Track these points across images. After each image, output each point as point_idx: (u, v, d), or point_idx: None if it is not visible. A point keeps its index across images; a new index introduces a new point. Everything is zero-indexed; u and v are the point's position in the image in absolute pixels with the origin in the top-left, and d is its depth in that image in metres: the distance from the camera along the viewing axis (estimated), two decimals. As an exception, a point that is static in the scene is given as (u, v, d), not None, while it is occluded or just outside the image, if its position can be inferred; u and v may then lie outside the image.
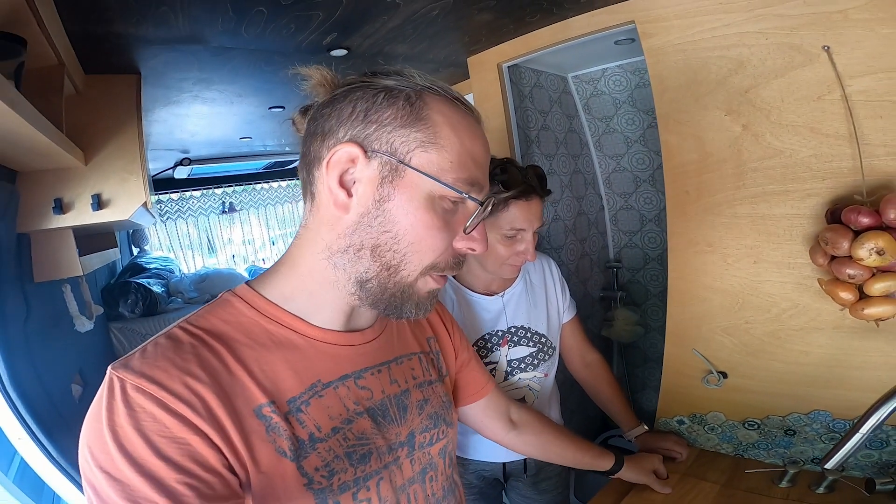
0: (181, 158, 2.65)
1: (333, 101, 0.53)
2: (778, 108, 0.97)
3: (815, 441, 1.09)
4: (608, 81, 1.72)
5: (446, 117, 0.51)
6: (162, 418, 0.44)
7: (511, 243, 1.02)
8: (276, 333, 0.54)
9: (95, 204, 1.28)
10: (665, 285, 1.85)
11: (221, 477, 0.45)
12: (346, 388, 0.57)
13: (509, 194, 0.98)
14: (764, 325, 1.07)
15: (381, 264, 0.52)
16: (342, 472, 0.53)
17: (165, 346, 0.49)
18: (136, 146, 1.33)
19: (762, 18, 0.97)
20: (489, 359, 1.14)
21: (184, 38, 1.13)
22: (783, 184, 0.98)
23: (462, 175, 0.51)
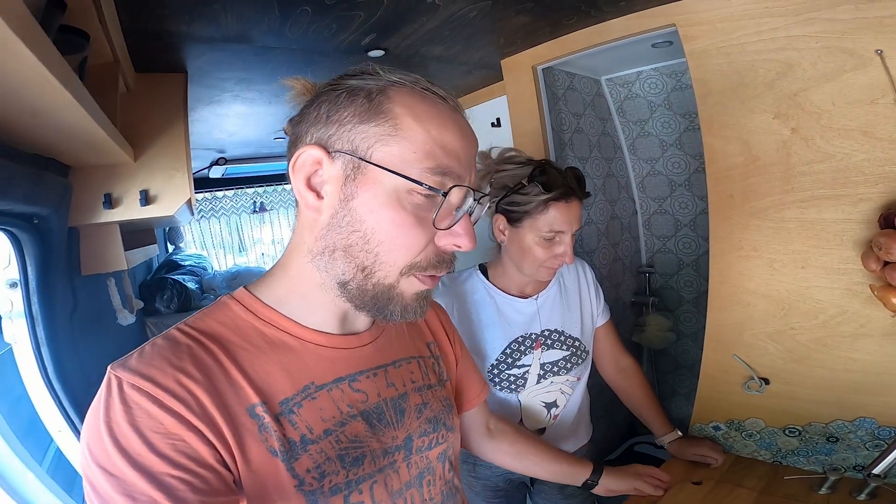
0: (217, 158, 2.70)
1: (305, 107, 0.53)
2: (829, 111, 0.95)
3: (859, 448, 1.05)
4: (643, 84, 1.70)
5: (408, 108, 0.49)
6: (157, 415, 0.44)
7: (549, 245, 1.01)
8: (270, 335, 0.54)
9: (143, 199, 1.31)
10: (699, 291, 1.83)
11: (216, 472, 0.45)
12: (339, 390, 0.56)
13: (549, 196, 0.97)
14: (811, 331, 1.04)
15: (356, 265, 0.51)
16: (333, 475, 0.53)
17: (162, 347, 0.49)
18: (182, 144, 1.37)
19: (811, 22, 0.95)
20: (522, 361, 1.12)
21: (230, 37, 1.15)
22: (833, 188, 0.96)
23: (428, 164, 0.49)
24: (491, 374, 1.11)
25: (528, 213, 0.99)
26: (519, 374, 1.11)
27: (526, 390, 1.13)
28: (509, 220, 1.04)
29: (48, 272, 1.19)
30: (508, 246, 1.07)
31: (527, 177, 0.99)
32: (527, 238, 1.01)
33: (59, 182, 1.13)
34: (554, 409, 1.17)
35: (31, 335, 1.20)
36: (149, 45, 1.17)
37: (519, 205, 1.00)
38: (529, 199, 0.98)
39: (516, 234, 1.03)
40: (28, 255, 1.13)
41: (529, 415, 1.16)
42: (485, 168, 1.07)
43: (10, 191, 0.87)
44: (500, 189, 1.04)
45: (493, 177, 1.05)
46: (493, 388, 1.13)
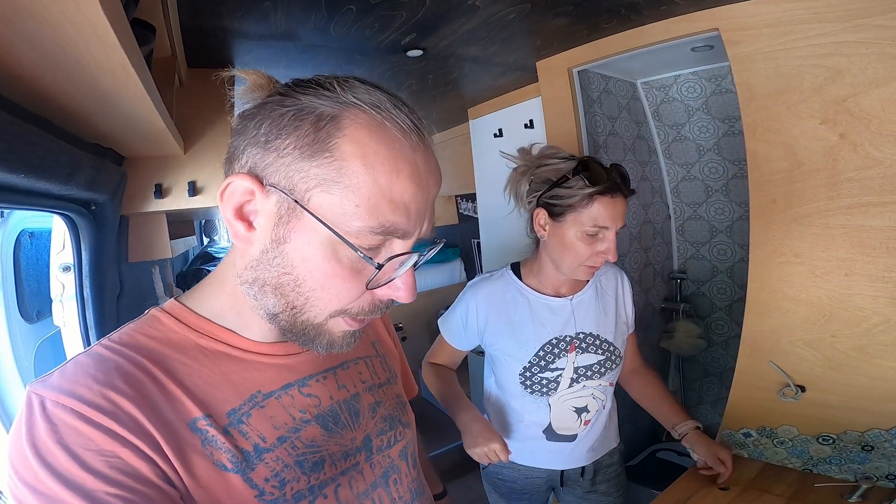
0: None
1: (247, 115, 0.46)
2: (879, 117, 0.93)
3: (893, 457, 1.03)
4: (681, 88, 1.67)
5: (360, 147, 0.42)
6: (86, 432, 0.41)
7: (592, 242, 0.98)
8: (208, 348, 0.51)
9: (191, 190, 1.35)
10: (733, 299, 1.79)
11: (158, 489, 0.42)
12: (289, 396, 0.54)
13: (594, 189, 0.95)
14: (851, 339, 1.02)
15: (286, 302, 0.47)
16: (294, 482, 0.51)
17: (86, 364, 0.45)
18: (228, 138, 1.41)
19: (861, 28, 0.93)
20: (555, 365, 1.08)
21: (278, 34, 1.18)
22: (881, 195, 0.93)
23: (370, 223, 0.43)
24: (523, 378, 1.09)
25: (571, 206, 0.97)
26: (552, 377, 1.08)
27: (557, 394, 1.09)
28: (551, 213, 1.01)
29: (100, 257, 1.24)
30: (548, 241, 1.04)
31: (571, 170, 0.98)
32: (569, 233, 0.99)
33: (117, 171, 1.18)
34: (585, 413, 1.12)
35: (80, 317, 1.25)
36: (202, 41, 1.21)
37: (562, 198, 0.98)
38: (574, 193, 0.96)
39: (558, 229, 1.01)
40: (84, 239, 1.18)
41: (559, 419, 1.12)
42: (525, 164, 1.06)
43: (75, 177, 0.91)
44: (542, 183, 1.02)
45: (534, 172, 1.03)
46: (524, 391, 1.10)
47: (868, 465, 1.06)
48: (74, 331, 1.23)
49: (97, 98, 0.73)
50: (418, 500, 0.66)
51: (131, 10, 0.71)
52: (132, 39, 0.59)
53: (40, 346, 1.39)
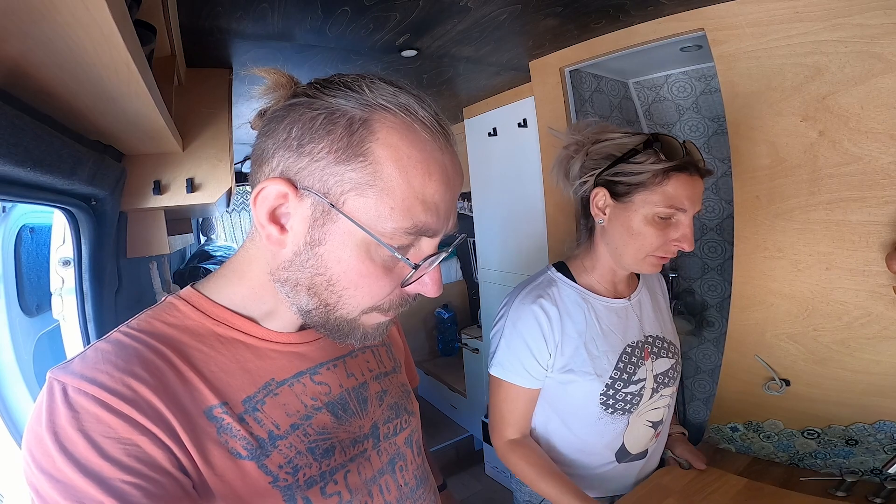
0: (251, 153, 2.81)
1: (275, 117, 0.47)
2: (857, 114, 0.96)
3: (878, 451, 1.06)
4: (671, 88, 1.71)
5: (393, 150, 0.44)
6: (106, 419, 0.42)
7: (664, 227, 0.84)
8: (224, 335, 0.52)
9: (189, 187, 1.39)
10: (724, 296, 1.82)
11: (172, 477, 0.43)
12: (301, 384, 0.56)
13: (671, 164, 0.81)
14: (833, 332, 1.05)
15: (319, 301, 0.49)
16: (306, 468, 0.52)
17: (106, 350, 0.46)
18: (226, 135, 1.45)
19: (840, 27, 0.96)
20: (637, 375, 0.93)
21: (274, 34, 1.22)
22: (861, 190, 0.97)
23: (404, 224, 0.45)
24: (605, 397, 0.92)
25: (642, 184, 0.83)
26: (635, 390, 0.94)
27: (638, 409, 0.95)
28: (614, 194, 0.87)
29: (100, 252, 1.27)
30: (609, 227, 0.90)
31: (640, 144, 0.84)
32: (637, 215, 0.85)
33: (117, 167, 1.21)
34: (660, 426, 0.99)
35: (79, 311, 1.28)
36: (201, 41, 1.24)
37: (630, 174, 0.84)
38: (645, 168, 0.82)
39: (623, 212, 0.86)
40: (84, 234, 1.21)
41: (634, 438, 0.97)
42: (579, 140, 0.93)
43: (77, 172, 0.94)
44: (602, 159, 0.88)
45: (591, 148, 0.90)
46: (602, 413, 0.93)
47: (853, 460, 1.09)
48: (73, 324, 1.26)
49: (100, 96, 0.77)
50: (423, 486, 0.68)
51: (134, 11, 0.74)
52: (136, 39, 0.62)
53: (39, 339, 1.42)
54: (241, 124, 2.00)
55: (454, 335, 3.26)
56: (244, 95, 1.73)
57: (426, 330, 3.35)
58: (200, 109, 1.41)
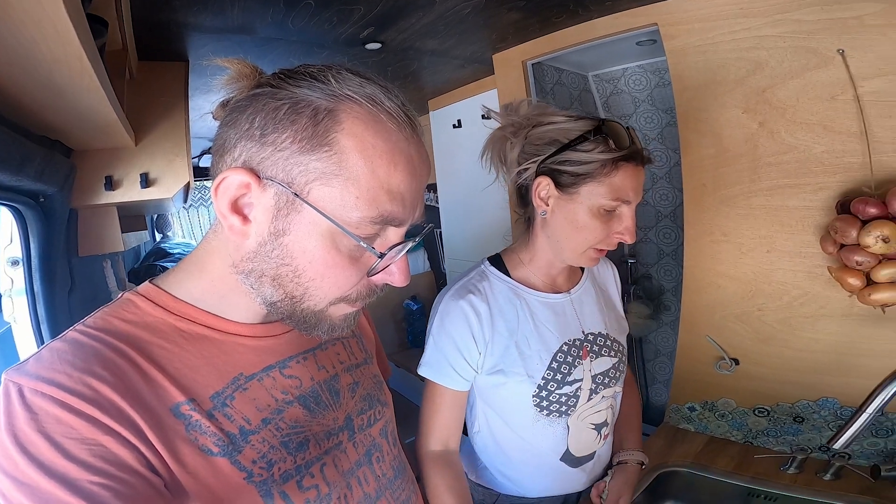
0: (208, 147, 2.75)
1: (238, 107, 0.47)
2: (793, 106, 1.03)
3: (823, 429, 1.13)
4: (628, 81, 1.79)
5: (358, 140, 0.44)
6: (67, 420, 0.41)
7: (608, 220, 0.82)
8: (187, 331, 0.51)
9: (143, 182, 1.37)
10: (678, 280, 1.92)
11: (141, 477, 0.42)
12: (271, 378, 0.55)
13: (619, 154, 0.78)
14: (776, 312, 1.13)
15: (285, 293, 0.49)
16: (281, 462, 0.52)
17: (63, 350, 0.45)
18: (182, 130, 1.44)
19: (780, 23, 1.02)
20: (573, 376, 0.90)
21: (234, 27, 1.21)
22: (796, 178, 1.05)
23: (370, 213, 0.45)
24: (537, 399, 0.89)
25: (589, 174, 0.79)
26: (570, 391, 0.90)
27: (576, 412, 0.91)
28: (558, 184, 0.82)
29: (50, 251, 1.25)
30: (551, 219, 0.86)
31: (588, 131, 0.80)
32: (582, 208, 0.81)
33: (66, 163, 1.19)
34: (604, 428, 0.96)
35: (31, 313, 1.25)
36: (156, 35, 1.22)
37: (578, 164, 0.80)
38: (593, 157, 0.79)
39: (567, 203, 0.83)
40: (32, 232, 1.19)
41: (578, 441, 0.94)
42: (516, 121, 0.86)
43: (25, 168, 0.93)
44: (545, 145, 0.83)
45: (531, 131, 0.84)
46: (537, 415, 0.90)
47: (801, 437, 1.16)
48: (26, 326, 1.23)
49: (50, 90, 0.76)
50: (401, 477, 0.69)
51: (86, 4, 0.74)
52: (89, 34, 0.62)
53: (-11, 343, 1.38)
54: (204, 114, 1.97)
55: (424, 326, 3.28)
56: (201, 89, 1.71)
57: (395, 322, 3.38)
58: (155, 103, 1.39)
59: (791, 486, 1.06)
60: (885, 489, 0.99)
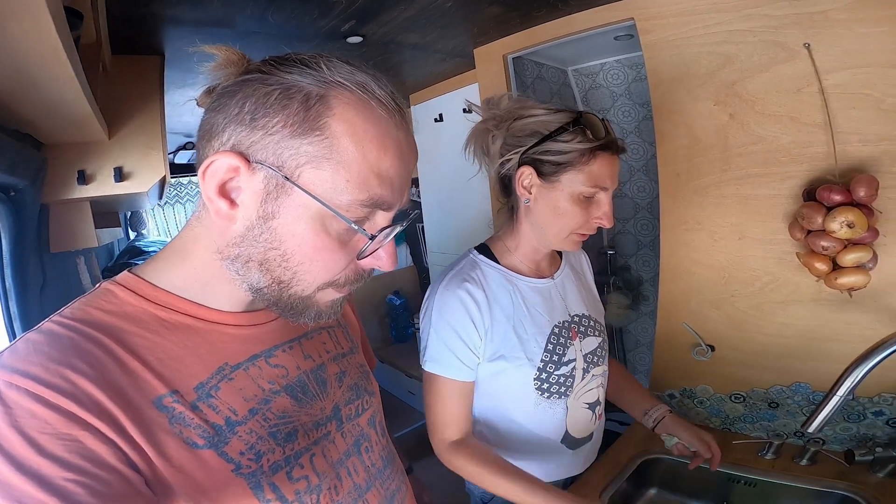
0: (184, 143, 2.72)
1: (226, 92, 0.47)
2: (762, 99, 1.08)
3: (797, 414, 1.18)
4: (606, 75, 1.84)
5: (349, 125, 0.45)
6: (42, 414, 0.40)
7: (587, 206, 0.88)
8: (169, 320, 0.50)
9: (117, 176, 1.36)
10: (656, 271, 1.97)
11: (119, 474, 0.42)
12: (257, 368, 0.55)
13: (596, 144, 0.84)
14: (748, 298, 1.18)
15: (272, 278, 0.49)
16: (269, 453, 0.52)
17: (38, 341, 0.44)
18: (157, 124, 1.43)
19: (750, 18, 1.06)
20: (567, 356, 0.95)
21: (213, 20, 1.21)
22: (765, 167, 1.10)
23: (360, 197, 0.46)
24: (538, 382, 0.93)
25: (569, 163, 0.85)
26: (567, 372, 0.95)
27: (574, 392, 0.97)
28: (541, 173, 0.88)
29: (21, 246, 1.23)
30: (534, 206, 0.91)
31: (568, 122, 0.86)
32: (563, 195, 0.87)
33: (37, 156, 1.17)
34: (598, 408, 1.02)
35: (3, 309, 1.23)
36: (130, 28, 1.21)
37: (559, 153, 0.85)
38: (572, 147, 0.84)
39: (549, 191, 0.88)
40: (3, 227, 1.17)
41: (576, 422, 0.99)
42: (498, 114, 0.92)
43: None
44: (527, 136, 0.88)
45: (512, 124, 0.89)
46: (539, 399, 0.94)
47: (777, 423, 1.21)
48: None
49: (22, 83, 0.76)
50: (390, 467, 0.69)
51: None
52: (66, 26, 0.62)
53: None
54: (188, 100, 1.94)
55: (407, 321, 3.31)
56: (176, 83, 1.69)
57: (378, 317, 3.39)
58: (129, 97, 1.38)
59: (769, 471, 1.10)
60: (859, 474, 1.03)
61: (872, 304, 1.02)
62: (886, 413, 1.07)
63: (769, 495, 1.09)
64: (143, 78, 1.42)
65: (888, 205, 0.96)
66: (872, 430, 1.09)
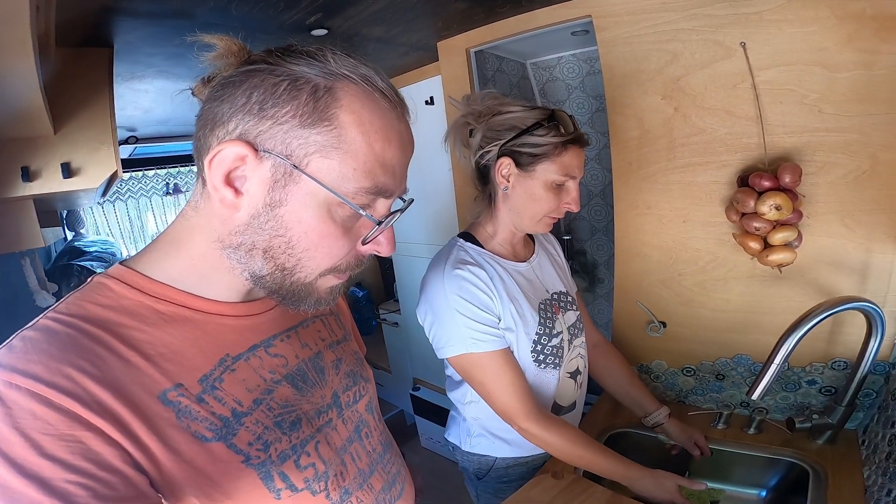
0: (126, 137, 2.62)
1: (228, 83, 0.48)
2: (702, 94, 1.18)
3: (741, 384, 1.30)
4: (563, 69, 1.94)
5: (356, 116, 0.47)
6: (43, 415, 0.40)
7: (558, 192, 1.00)
8: (167, 313, 0.50)
9: (65, 171, 1.32)
10: (610, 254, 2.13)
11: (123, 475, 0.42)
12: (257, 358, 0.56)
13: (568, 137, 0.97)
14: (693, 276, 1.31)
15: (276, 265, 0.50)
16: (277, 442, 0.53)
17: (36, 339, 0.44)
18: (107, 118, 1.40)
19: (695, 17, 1.14)
20: (556, 329, 1.08)
21: (171, 12, 1.18)
22: (705, 156, 1.21)
23: (365, 184, 0.48)
24: (535, 352, 1.05)
25: (545, 154, 0.97)
26: (557, 343, 1.08)
27: (564, 361, 1.10)
28: (518, 163, 0.99)
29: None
30: (512, 193, 1.02)
31: (542, 119, 0.97)
32: (538, 182, 0.99)
33: (-26, 153, 1.13)
34: (579, 377, 1.15)
35: (-55, 316, 1.19)
36: (80, 20, 1.17)
37: (536, 146, 0.97)
38: (546, 141, 0.96)
39: (526, 179, 1.00)
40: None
41: (562, 392, 1.11)
42: (478, 110, 1.02)
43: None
44: (505, 131, 0.99)
45: (491, 119, 1.00)
46: (536, 369, 1.06)
47: (724, 394, 1.33)
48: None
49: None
50: (389, 451, 0.72)
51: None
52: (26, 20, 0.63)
53: None
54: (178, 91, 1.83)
55: (371, 312, 3.35)
56: (123, 75, 1.64)
57: (355, 310, 3.41)
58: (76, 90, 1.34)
59: (723, 440, 1.22)
60: (801, 441, 1.15)
61: (799, 279, 1.16)
62: (819, 381, 1.19)
63: (724, 464, 1.20)
64: (91, 71, 1.38)
65: (810, 189, 1.09)
66: (808, 398, 1.22)
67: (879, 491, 0.89)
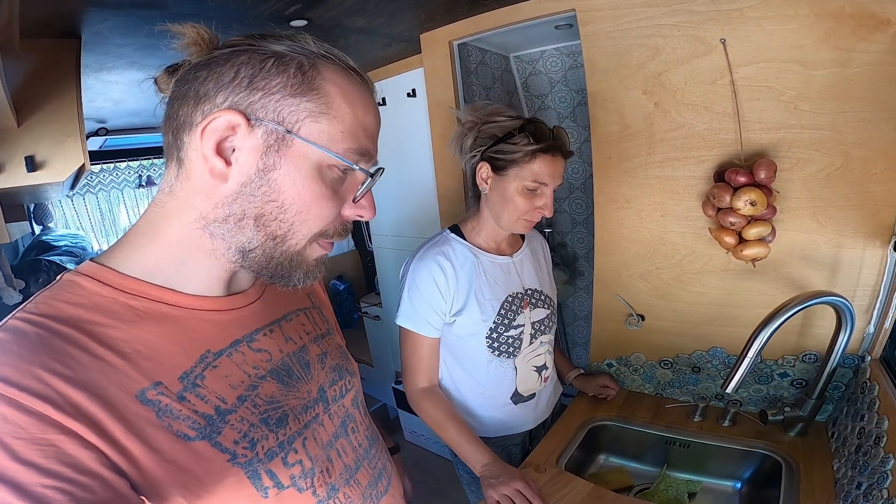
0: (96, 129, 2.55)
1: (211, 63, 0.49)
2: (682, 89, 1.20)
3: (716, 377, 1.34)
4: (546, 62, 1.94)
5: (340, 87, 0.51)
6: (15, 419, 0.39)
7: (531, 197, 1.08)
8: (143, 309, 0.50)
9: (30, 165, 1.29)
10: (590, 247, 2.16)
11: (100, 478, 0.41)
12: (240, 353, 0.55)
13: (536, 147, 1.05)
14: (670, 269, 1.34)
15: (266, 234, 0.51)
16: (263, 440, 0.53)
17: (5, 341, 0.43)
18: (73, 110, 1.36)
19: (677, 13, 1.15)
20: (516, 321, 1.18)
21: (141, 2, 1.15)
22: (683, 151, 1.23)
23: (352, 145, 0.52)
24: (490, 341, 1.16)
25: (514, 161, 1.06)
26: (515, 335, 1.18)
27: (521, 353, 1.20)
28: (494, 167, 1.10)
29: (-76, 245, 1.15)
30: (490, 195, 1.13)
31: (517, 128, 1.07)
32: (510, 187, 1.08)
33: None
34: (544, 371, 1.26)
35: None
36: (42, 10, 1.13)
37: (507, 153, 1.07)
38: (518, 149, 1.05)
39: (500, 183, 1.10)
40: None
41: (524, 381, 1.22)
42: (474, 119, 1.13)
43: None
44: (488, 139, 1.10)
45: (481, 128, 1.11)
46: (490, 356, 1.17)
47: (700, 387, 1.36)
48: None
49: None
50: (375, 446, 0.72)
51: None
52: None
53: None
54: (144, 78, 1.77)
55: (352, 305, 3.34)
56: (92, 66, 1.60)
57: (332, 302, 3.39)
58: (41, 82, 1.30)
59: (699, 432, 1.26)
60: (775, 433, 1.19)
61: (772, 273, 1.20)
62: (790, 374, 1.24)
63: (701, 456, 1.24)
64: (56, 62, 1.33)
65: (784, 185, 1.12)
66: (780, 390, 1.26)
67: (850, 484, 0.92)
